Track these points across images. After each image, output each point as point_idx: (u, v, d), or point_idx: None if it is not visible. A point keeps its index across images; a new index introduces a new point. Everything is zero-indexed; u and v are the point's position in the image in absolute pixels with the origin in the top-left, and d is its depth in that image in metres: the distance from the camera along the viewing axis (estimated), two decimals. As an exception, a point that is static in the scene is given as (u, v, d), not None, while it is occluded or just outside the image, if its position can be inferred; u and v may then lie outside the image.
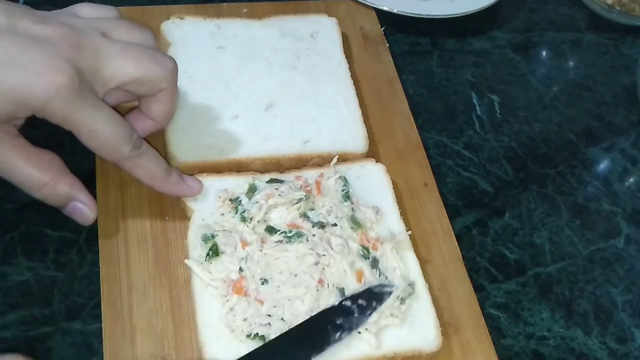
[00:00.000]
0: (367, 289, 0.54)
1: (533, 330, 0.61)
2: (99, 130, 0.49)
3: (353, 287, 0.54)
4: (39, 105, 0.46)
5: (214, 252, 0.54)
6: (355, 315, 0.53)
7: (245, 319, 0.52)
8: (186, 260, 0.55)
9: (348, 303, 0.53)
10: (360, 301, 0.53)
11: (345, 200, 0.59)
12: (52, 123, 0.49)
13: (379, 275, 0.56)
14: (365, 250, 0.56)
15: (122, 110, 0.55)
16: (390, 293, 0.54)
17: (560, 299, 0.64)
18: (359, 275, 0.55)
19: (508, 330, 0.61)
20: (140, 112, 0.56)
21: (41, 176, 0.50)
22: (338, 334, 0.52)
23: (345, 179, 0.61)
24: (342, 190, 0.60)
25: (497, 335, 0.60)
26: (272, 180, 0.60)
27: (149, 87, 0.53)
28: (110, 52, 0.50)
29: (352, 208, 0.59)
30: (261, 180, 0.60)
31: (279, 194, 0.57)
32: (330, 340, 0.51)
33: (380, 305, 0.54)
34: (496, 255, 0.65)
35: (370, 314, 0.53)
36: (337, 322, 0.52)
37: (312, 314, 0.53)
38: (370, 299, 0.54)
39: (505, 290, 0.63)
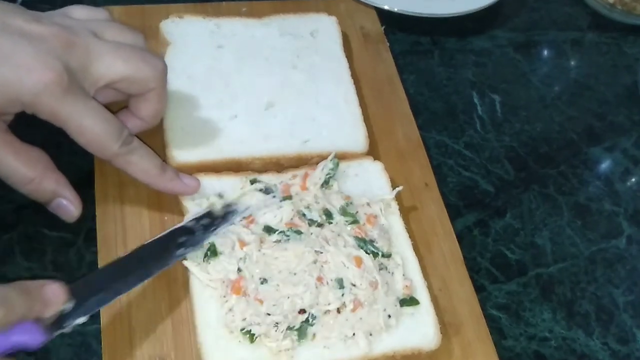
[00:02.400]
0: (209, 211, 0.56)
1: (534, 331, 0.61)
2: (87, 126, 0.50)
3: (353, 275, 0.54)
4: (29, 100, 0.47)
5: (212, 252, 0.54)
6: (198, 233, 0.55)
7: (244, 319, 0.52)
8: (184, 261, 0.55)
9: (191, 223, 0.55)
10: (203, 221, 0.55)
11: (324, 187, 0.59)
12: (49, 124, 0.49)
13: (376, 259, 0.56)
14: (360, 241, 0.56)
15: (113, 109, 0.55)
16: (235, 212, 0.56)
17: (561, 299, 0.63)
18: (358, 261, 0.55)
19: (509, 331, 0.61)
20: (130, 112, 0.56)
21: (28, 172, 0.51)
22: (181, 250, 0.53)
23: (337, 162, 0.60)
24: (327, 175, 0.60)
25: (499, 336, 0.60)
26: (254, 181, 0.59)
27: (138, 87, 0.54)
28: (101, 50, 0.51)
29: (344, 200, 0.59)
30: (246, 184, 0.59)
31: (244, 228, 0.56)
32: (172, 256, 0.53)
33: (225, 223, 0.56)
34: (497, 256, 0.65)
35: (213, 230, 0.55)
36: (180, 241, 0.54)
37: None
38: (215, 218, 0.56)
39: (506, 291, 0.63)
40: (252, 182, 0.59)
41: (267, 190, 0.59)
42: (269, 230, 0.56)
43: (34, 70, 0.47)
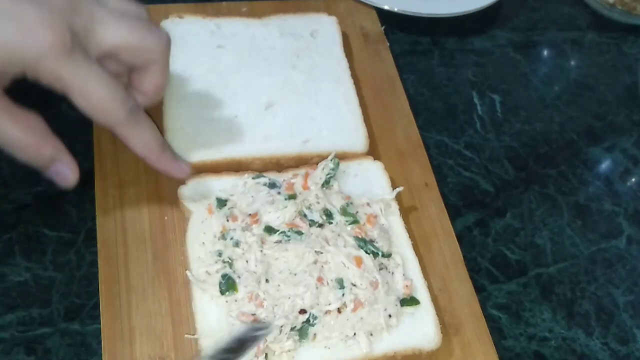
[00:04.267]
0: (236, 338, 0.50)
1: (534, 331, 0.61)
2: (91, 89, 0.48)
3: (353, 275, 0.54)
4: (31, 61, 0.46)
5: (230, 286, 0.53)
6: None
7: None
8: (187, 272, 0.54)
9: None
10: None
11: (324, 186, 0.59)
12: (49, 121, 0.49)
13: (376, 258, 0.56)
14: (360, 241, 0.56)
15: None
16: (263, 334, 0.51)
17: (561, 299, 0.63)
18: (358, 261, 0.55)
19: (509, 331, 0.61)
20: (131, 87, 0.55)
21: (26, 137, 0.49)
22: None
23: (337, 162, 0.61)
24: (327, 175, 0.60)
25: (498, 336, 0.60)
26: (257, 176, 0.59)
27: (141, 57, 0.53)
28: (105, 17, 0.50)
29: (344, 200, 0.59)
30: (249, 178, 0.59)
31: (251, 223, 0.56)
32: None
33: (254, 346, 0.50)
34: (497, 256, 0.65)
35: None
36: None
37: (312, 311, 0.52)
38: (239, 348, 0.50)
39: (506, 291, 0.63)
40: (255, 179, 0.59)
41: (272, 185, 0.59)
42: (269, 230, 0.55)
43: (37, 30, 0.45)
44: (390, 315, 0.54)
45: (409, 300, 0.56)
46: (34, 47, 0.46)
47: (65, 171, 0.52)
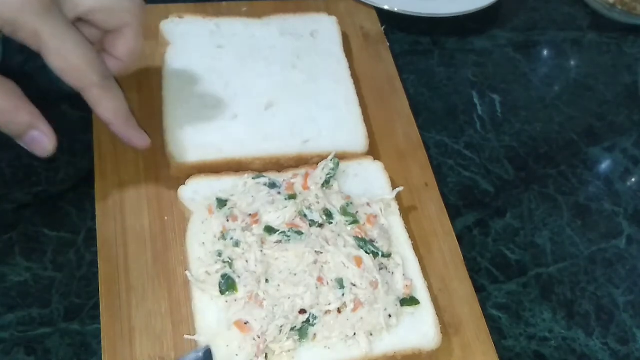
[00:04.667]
0: None
1: (534, 331, 0.61)
2: (68, 49, 0.48)
3: (353, 275, 0.54)
4: (10, 16, 0.46)
5: (229, 286, 0.53)
6: None
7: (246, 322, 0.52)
8: (187, 273, 0.54)
9: None
10: None
11: (324, 186, 0.59)
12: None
13: (376, 258, 0.56)
14: (360, 241, 0.56)
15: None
16: None
17: (561, 299, 0.63)
18: (358, 261, 0.55)
19: (509, 331, 0.61)
20: (104, 53, 0.55)
21: (1, 102, 0.48)
22: None
23: (337, 162, 0.61)
24: (327, 175, 0.60)
25: (498, 336, 0.60)
26: (258, 176, 0.59)
27: (115, 19, 0.53)
28: None
29: (344, 200, 0.59)
30: (249, 178, 0.59)
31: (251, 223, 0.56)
32: None
33: None
34: (497, 256, 0.65)
35: None
36: None
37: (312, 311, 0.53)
38: None
39: (506, 291, 0.63)
40: (255, 179, 0.59)
41: (272, 185, 0.59)
42: (269, 230, 0.55)
43: None
44: (390, 315, 0.54)
45: (409, 300, 0.56)
46: (14, 2, 0.46)
47: (42, 139, 0.51)
